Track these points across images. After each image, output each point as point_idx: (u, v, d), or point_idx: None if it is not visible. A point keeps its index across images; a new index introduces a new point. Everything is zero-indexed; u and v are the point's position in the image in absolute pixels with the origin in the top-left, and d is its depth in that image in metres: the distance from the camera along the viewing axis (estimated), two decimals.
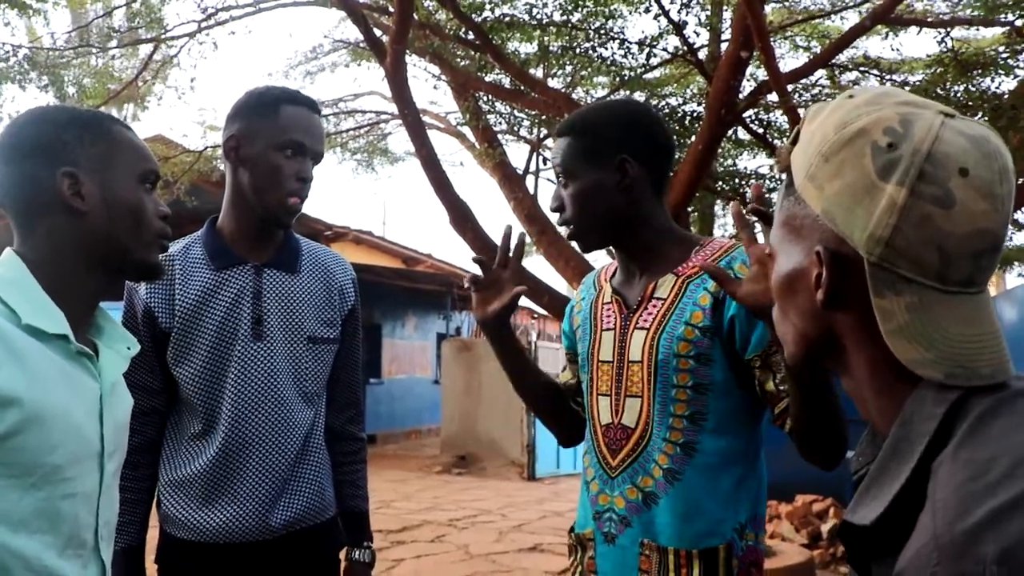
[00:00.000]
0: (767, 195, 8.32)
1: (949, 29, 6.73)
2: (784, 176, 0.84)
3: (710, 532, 1.50)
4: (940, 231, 0.70)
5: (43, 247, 1.19)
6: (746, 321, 1.46)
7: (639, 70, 7.79)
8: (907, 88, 6.70)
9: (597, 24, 7.40)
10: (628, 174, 1.58)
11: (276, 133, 1.72)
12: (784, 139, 7.40)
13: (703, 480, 1.50)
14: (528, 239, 8.76)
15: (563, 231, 1.67)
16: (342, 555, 1.93)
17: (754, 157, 9.37)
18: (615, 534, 1.55)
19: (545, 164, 11.01)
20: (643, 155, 1.59)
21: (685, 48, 7.04)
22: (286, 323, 1.77)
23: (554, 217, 1.69)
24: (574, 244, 1.70)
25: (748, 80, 6.87)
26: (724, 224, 10.76)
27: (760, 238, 1.36)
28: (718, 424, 1.51)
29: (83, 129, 1.22)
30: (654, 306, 1.56)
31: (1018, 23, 6.43)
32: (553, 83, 8.41)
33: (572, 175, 1.60)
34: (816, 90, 7.82)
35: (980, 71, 6.61)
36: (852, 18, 7.59)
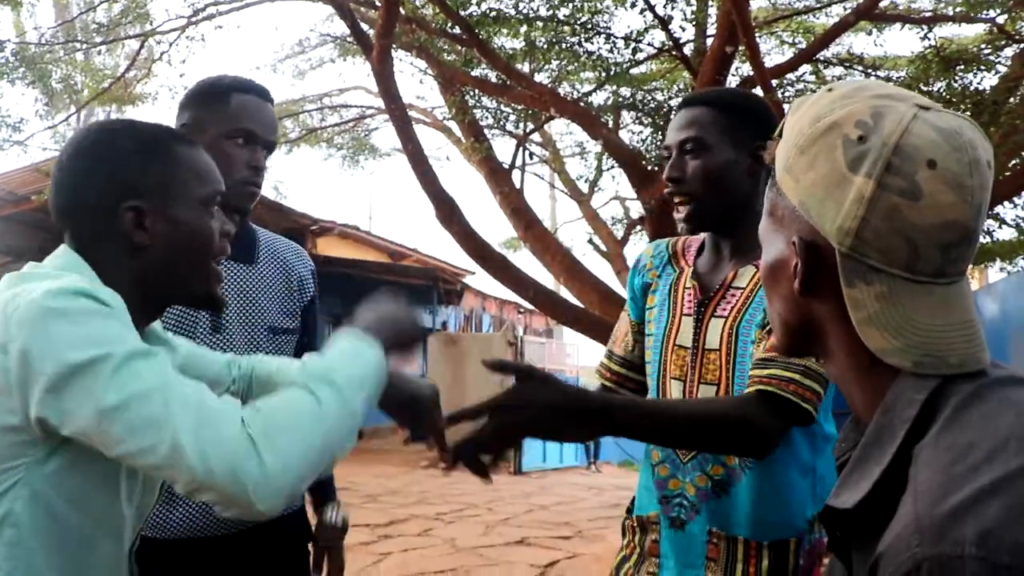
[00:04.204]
0: None
1: (932, 26, 6.78)
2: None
3: (782, 524, 1.46)
4: (908, 222, 0.71)
5: (101, 271, 1.12)
6: None
7: (625, 65, 7.80)
8: (890, 84, 6.74)
9: (583, 19, 7.40)
10: (761, 162, 1.54)
11: (226, 121, 1.70)
12: None
13: (775, 471, 1.47)
14: (514, 233, 8.80)
15: (679, 211, 1.57)
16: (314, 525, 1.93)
17: None
18: (685, 520, 1.52)
19: (532, 159, 11.02)
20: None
21: (671, 43, 7.06)
22: (245, 314, 1.76)
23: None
24: (681, 223, 1.59)
25: (733, 75, 6.90)
26: None
27: None
28: None
29: (146, 153, 1.17)
30: (732, 295, 1.53)
31: (999, 20, 6.48)
32: (539, 78, 8.40)
33: (706, 147, 1.53)
34: (801, 85, 7.85)
35: (963, 67, 6.66)
36: (837, 14, 7.63)
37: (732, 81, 6.73)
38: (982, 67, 6.78)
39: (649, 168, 7.06)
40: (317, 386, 1.08)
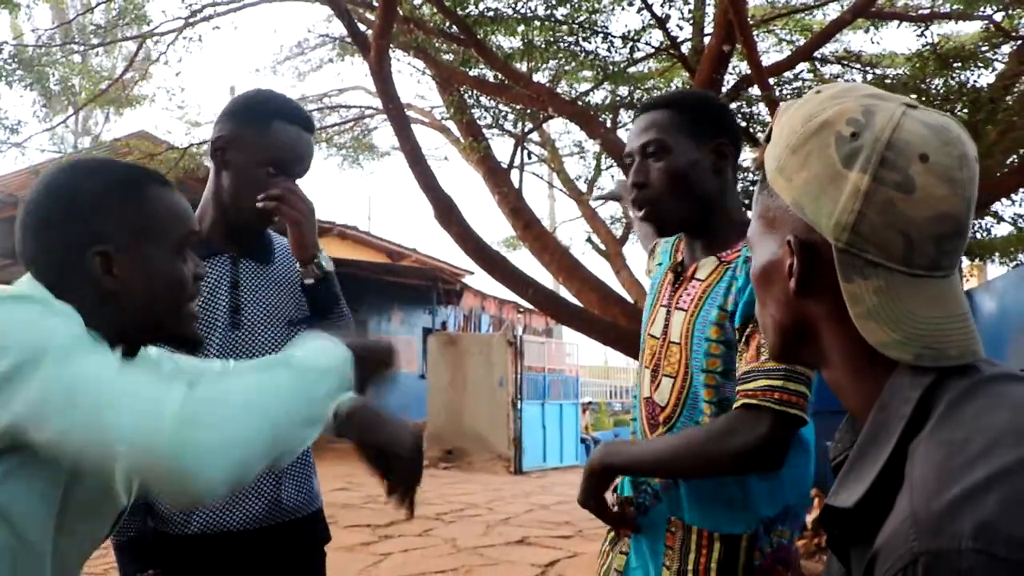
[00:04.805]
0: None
1: (929, 23, 6.78)
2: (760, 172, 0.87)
3: (732, 518, 1.48)
4: (903, 216, 0.72)
5: None
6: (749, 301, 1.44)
7: (623, 64, 7.80)
8: (888, 82, 6.76)
9: (581, 18, 7.40)
10: (726, 158, 1.54)
11: (264, 148, 1.72)
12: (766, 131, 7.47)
13: None
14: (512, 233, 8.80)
15: (636, 213, 1.59)
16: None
17: None
18: (648, 506, 1.57)
19: (530, 158, 11.02)
20: (735, 142, 1.57)
21: (668, 42, 7.06)
22: (264, 310, 1.80)
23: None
24: (645, 224, 1.62)
25: (731, 74, 6.90)
26: None
27: None
28: None
29: (116, 196, 1.13)
30: (693, 287, 1.54)
31: (996, 17, 6.48)
32: (537, 77, 8.40)
33: (667, 149, 1.53)
34: (798, 83, 7.85)
35: (960, 65, 6.66)
36: (834, 13, 7.64)
37: (729, 80, 6.73)
38: (979, 64, 6.77)
39: None
40: (271, 368, 1.05)
